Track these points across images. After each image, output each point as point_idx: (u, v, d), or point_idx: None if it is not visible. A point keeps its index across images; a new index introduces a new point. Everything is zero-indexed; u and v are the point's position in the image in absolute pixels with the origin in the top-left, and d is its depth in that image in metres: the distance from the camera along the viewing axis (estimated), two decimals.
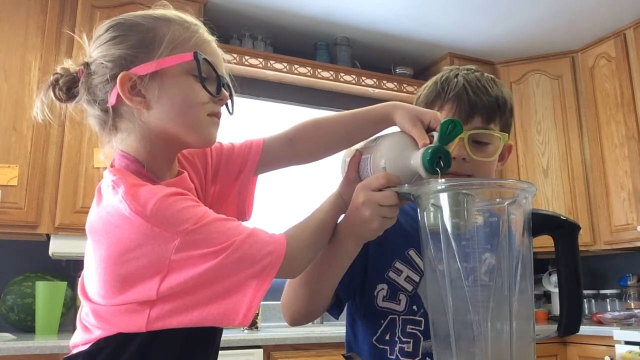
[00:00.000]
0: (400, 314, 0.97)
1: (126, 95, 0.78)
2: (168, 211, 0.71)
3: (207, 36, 0.86)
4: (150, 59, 0.78)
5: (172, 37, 0.80)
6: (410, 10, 3.01)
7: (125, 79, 0.77)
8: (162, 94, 0.79)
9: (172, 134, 0.81)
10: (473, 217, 0.74)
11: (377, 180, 0.81)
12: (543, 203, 3.28)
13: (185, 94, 0.80)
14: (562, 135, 3.38)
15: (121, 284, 0.72)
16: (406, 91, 3.44)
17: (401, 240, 1.00)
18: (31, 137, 2.38)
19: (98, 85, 0.80)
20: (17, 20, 2.45)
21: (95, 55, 0.81)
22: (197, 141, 0.84)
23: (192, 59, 0.79)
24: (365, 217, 0.81)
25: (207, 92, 0.81)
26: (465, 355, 0.72)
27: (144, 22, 0.81)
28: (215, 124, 0.85)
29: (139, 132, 0.81)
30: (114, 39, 0.80)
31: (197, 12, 2.79)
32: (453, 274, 0.73)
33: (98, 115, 0.82)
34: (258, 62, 2.99)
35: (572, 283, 0.80)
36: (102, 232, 0.74)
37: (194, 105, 0.80)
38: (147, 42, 0.80)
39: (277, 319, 2.97)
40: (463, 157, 0.96)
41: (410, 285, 0.98)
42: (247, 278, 0.72)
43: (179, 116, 0.80)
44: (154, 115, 0.79)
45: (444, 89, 1.01)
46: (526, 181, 0.75)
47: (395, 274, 0.99)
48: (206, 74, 0.81)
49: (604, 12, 3.03)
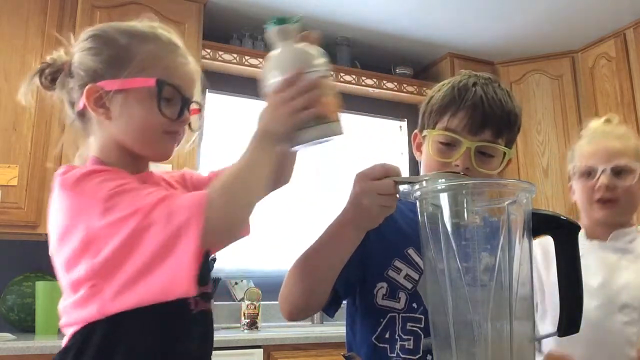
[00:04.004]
0: (399, 312, 0.97)
1: (91, 105, 0.85)
2: (91, 182, 0.77)
3: (180, 59, 0.90)
4: (118, 77, 0.85)
5: (143, 58, 0.86)
6: (410, 10, 3.00)
7: (92, 91, 0.85)
8: (124, 110, 0.85)
9: (129, 146, 0.87)
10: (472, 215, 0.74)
11: (376, 169, 0.82)
12: (543, 203, 3.28)
13: (144, 115, 0.85)
14: (562, 135, 3.37)
15: (66, 268, 0.78)
16: (406, 91, 3.44)
17: (400, 240, 1.00)
18: (31, 137, 2.38)
19: (74, 88, 0.88)
20: (17, 21, 2.45)
21: (75, 59, 0.88)
22: (152, 156, 0.91)
23: (154, 85, 0.85)
24: (364, 205, 0.82)
25: (165, 117, 0.86)
26: (465, 355, 0.72)
27: (120, 38, 0.87)
28: (172, 140, 0.90)
29: (102, 139, 0.88)
30: (90, 50, 0.87)
31: (197, 12, 2.80)
32: (453, 274, 0.73)
33: (71, 116, 0.90)
34: (258, 62, 2.99)
35: (572, 283, 0.80)
36: (50, 223, 0.82)
37: (151, 127, 0.86)
38: (118, 60, 0.86)
39: (277, 319, 2.96)
40: (467, 167, 0.97)
41: (409, 284, 0.98)
42: (171, 242, 0.71)
43: (136, 132, 0.86)
44: (114, 126, 0.86)
45: (461, 96, 1.00)
46: (526, 181, 0.75)
47: (394, 273, 0.99)
48: (170, 96, 0.86)
49: (604, 12, 3.03)
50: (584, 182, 1.27)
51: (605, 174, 1.22)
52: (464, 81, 1.02)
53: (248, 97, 3.18)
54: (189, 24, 2.76)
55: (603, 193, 1.22)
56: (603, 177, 1.22)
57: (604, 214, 1.24)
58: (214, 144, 3.05)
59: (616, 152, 1.24)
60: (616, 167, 1.23)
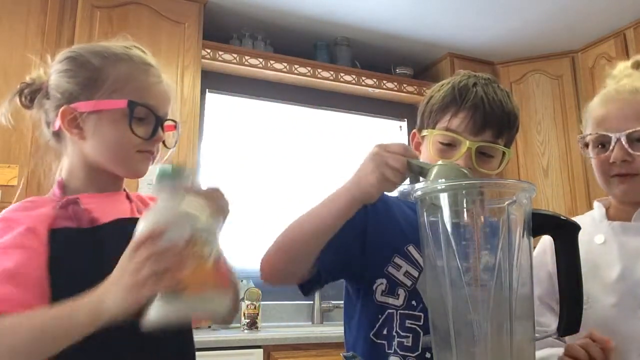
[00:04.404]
0: (398, 309, 0.97)
1: (65, 126, 0.89)
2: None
3: (153, 78, 0.93)
4: (91, 98, 0.88)
5: (115, 79, 0.89)
6: (410, 10, 3.00)
7: (66, 112, 0.88)
8: (97, 130, 0.88)
9: (102, 165, 0.91)
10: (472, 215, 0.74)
11: (396, 144, 0.83)
12: (543, 203, 3.28)
13: (117, 135, 0.89)
14: (562, 135, 3.37)
15: None
16: (406, 91, 3.44)
17: (401, 237, 1.01)
18: (31, 137, 2.38)
19: (49, 109, 0.92)
20: (17, 20, 2.45)
21: (52, 81, 0.92)
22: (125, 174, 0.95)
23: (125, 107, 0.88)
24: (369, 168, 0.82)
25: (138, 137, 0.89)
26: (465, 355, 0.72)
27: (94, 60, 0.90)
28: (145, 159, 0.93)
29: (72, 160, 0.92)
30: (66, 72, 0.91)
31: (197, 12, 2.80)
32: (453, 273, 0.73)
33: (47, 135, 0.94)
34: (258, 62, 2.99)
35: (572, 283, 0.80)
36: None
37: (124, 146, 0.89)
38: (91, 81, 0.89)
39: (277, 319, 2.97)
40: (469, 167, 0.96)
41: (409, 281, 0.98)
42: None
43: (109, 152, 0.90)
44: (88, 146, 0.90)
45: (462, 96, 1.00)
46: (526, 181, 0.75)
47: (394, 269, 0.99)
48: (143, 116, 0.89)
49: (604, 12, 3.03)
50: (598, 153, 1.08)
51: (620, 144, 1.02)
52: (464, 81, 1.02)
53: (248, 97, 3.18)
54: (189, 24, 2.76)
55: (619, 168, 1.04)
56: (617, 150, 1.02)
57: (623, 188, 1.05)
58: (213, 144, 3.05)
59: (630, 116, 1.03)
60: (632, 134, 1.02)
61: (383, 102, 3.54)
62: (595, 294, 1.02)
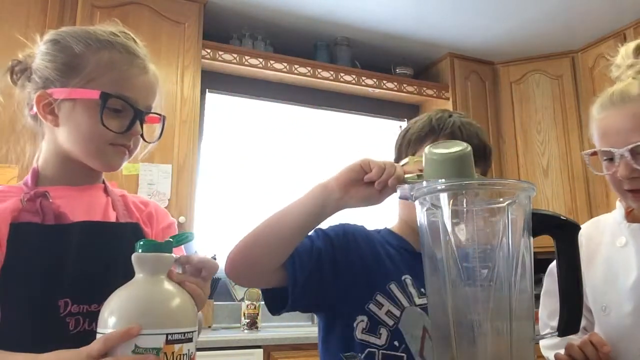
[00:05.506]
0: (380, 348, 0.95)
1: (40, 112, 0.86)
2: None
3: (135, 69, 0.88)
4: (67, 85, 0.85)
5: (94, 68, 0.85)
6: (410, 10, 3.00)
7: (41, 97, 0.86)
8: (71, 119, 0.85)
9: (75, 155, 0.87)
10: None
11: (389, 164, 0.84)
12: (543, 203, 3.28)
13: (90, 126, 0.85)
14: (562, 135, 3.37)
15: None
16: (406, 91, 3.44)
17: (382, 274, 0.99)
18: None
19: (31, 91, 0.89)
20: (17, 21, 2.45)
21: (35, 63, 0.89)
22: (98, 167, 0.90)
23: (97, 98, 0.84)
24: (352, 164, 0.84)
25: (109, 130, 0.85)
26: (465, 355, 0.72)
27: (76, 45, 0.86)
28: (119, 152, 0.89)
29: (52, 145, 0.89)
30: (47, 55, 0.88)
31: (197, 12, 2.80)
32: (453, 274, 0.73)
33: (26, 117, 0.92)
34: (258, 62, 2.99)
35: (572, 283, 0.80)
36: None
37: (96, 139, 0.86)
38: (69, 68, 0.86)
39: (277, 319, 2.96)
40: None
41: (391, 320, 0.96)
42: None
43: (81, 142, 0.86)
44: (61, 134, 0.87)
45: (440, 126, 1.04)
46: (526, 181, 0.75)
47: (375, 307, 0.97)
48: (120, 108, 0.85)
49: (604, 12, 3.03)
50: (608, 168, 1.03)
51: (625, 161, 0.97)
52: (440, 114, 1.07)
53: (248, 97, 3.19)
54: (189, 24, 2.76)
55: (630, 184, 0.99)
56: (623, 167, 0.97)
57: (638, 206, 1.02)
58: (213, 144, 3.06)
59: (629, 129, 0.97)
60: (636, 148, 0.96)
61: (383, 102, 3.54)
62: (613, 301, 1.02)
